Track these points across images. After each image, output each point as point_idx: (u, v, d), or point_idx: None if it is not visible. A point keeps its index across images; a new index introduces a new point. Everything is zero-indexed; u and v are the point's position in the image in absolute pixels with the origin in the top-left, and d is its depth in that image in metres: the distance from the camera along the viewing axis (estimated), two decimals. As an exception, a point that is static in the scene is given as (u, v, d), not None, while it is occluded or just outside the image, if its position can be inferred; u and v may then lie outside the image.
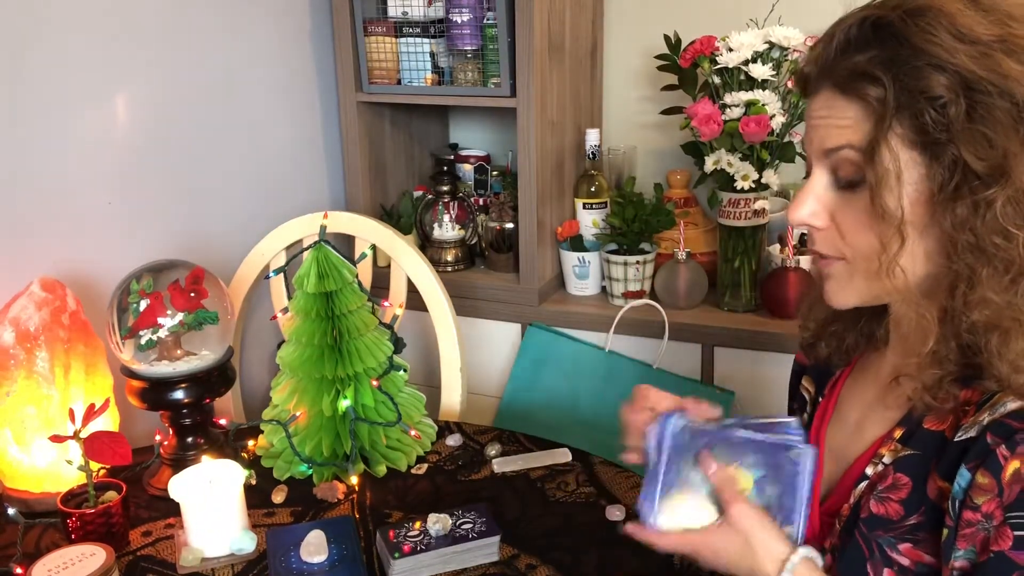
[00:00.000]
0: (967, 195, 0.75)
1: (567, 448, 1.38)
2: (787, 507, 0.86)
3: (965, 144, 0.74)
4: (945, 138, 0.75)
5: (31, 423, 1.23)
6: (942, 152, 0.75)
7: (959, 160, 0.74)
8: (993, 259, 0.75)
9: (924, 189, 0.77)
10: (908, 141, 0.76)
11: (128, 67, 1.59)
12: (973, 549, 0.76)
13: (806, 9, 1.75)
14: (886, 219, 0.78)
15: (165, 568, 1.13)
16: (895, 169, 0.76)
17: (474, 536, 1.10)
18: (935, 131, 0.75)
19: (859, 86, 0.78)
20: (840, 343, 0.97)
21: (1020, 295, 0.75)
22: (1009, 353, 0.76)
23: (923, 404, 0.82)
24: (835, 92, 0.80)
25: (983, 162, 0.74)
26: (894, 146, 0.76)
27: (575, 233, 1.96)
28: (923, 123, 0.75)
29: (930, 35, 0.75)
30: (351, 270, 1.35)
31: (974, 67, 0.73)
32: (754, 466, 0.87)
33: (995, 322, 0.76)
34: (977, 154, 0.74)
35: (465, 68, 1.90)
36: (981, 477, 0.75)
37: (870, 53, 0.77)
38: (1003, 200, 0.74)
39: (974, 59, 0.73)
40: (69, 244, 1.51)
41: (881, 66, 0.76)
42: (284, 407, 1.37)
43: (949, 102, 0.74)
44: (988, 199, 0.74)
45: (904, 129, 0.76)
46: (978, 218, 0.75)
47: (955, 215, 0.76)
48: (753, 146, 1.72)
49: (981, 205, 0.74)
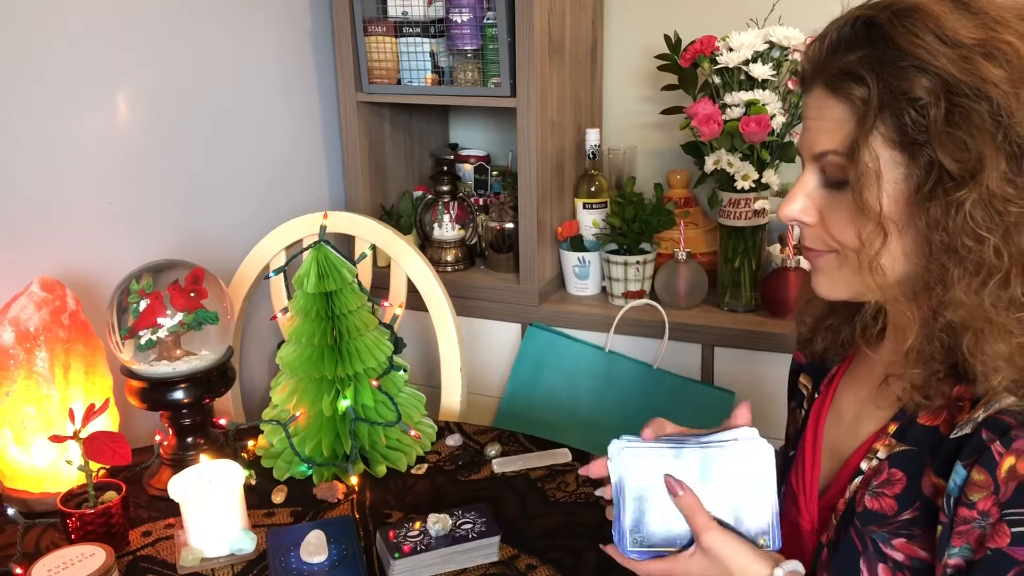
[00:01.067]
0: (941, 196, 0.76)
1: (567, 448, 1.38)
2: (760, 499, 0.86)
3: (942, 146, 0.75)
4: (923, 139, 0.76)
5: (31, 423, 1.23)
6: (920, 153, 0.76)
7: (935, 161, 0.75)
8: (964, 260, 0.76)
9: (903, 189, 0.78)
10: (889, 141, 0.77)
11: (128, 67, 1.59)
12: (968, 546, 0.76)
13: (806, 9, 1.74)
14: (866, 215, 0.79)
15: (165, 568, 1.13)
16: (875, 168, 0.78)
17: (474, 536, 1.10)
18: (914, 132, 0.76)
19: (846, 86, 0.79)
20: (836, 337, 0.98)
21: (989, 297, 0.76)
22: (982, 354, 0.76)
23: (913, 402, 0.83)
24: (825, 91, 0.81)
25: (958, 164, 0.74)
26: (875, 146, 0.78)
27: (575, 233, 1.96)
28: (903, 124, 0.76)
29: (915, 37, 0.76)
30: (351, 270, 1.35)
31: (954, 70, 0.74)
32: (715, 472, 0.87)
33: (967, 323, 0.77)
34: (953, 156, 0.74)
35: (465, 68, 1.90)
36: (977, 474, 0.75)
37: (859, 53, 0.79)
38: (972, 202, 0.74)
39: (954, 62, 0.74)
40: (69, 244, 1.51)
41: (867, 66, 0.78)
42: (284, 407, 1.37)
43: (929, 104, 0.75)
44: (959, 200, 0.75)
45: (886, 129, 0.77)
46: (950, 219, 0.76)
47: (929, 215, 0.77)
48: (753, 146, 1.72)
49: (952, 206, 0.75)
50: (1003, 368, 0.76)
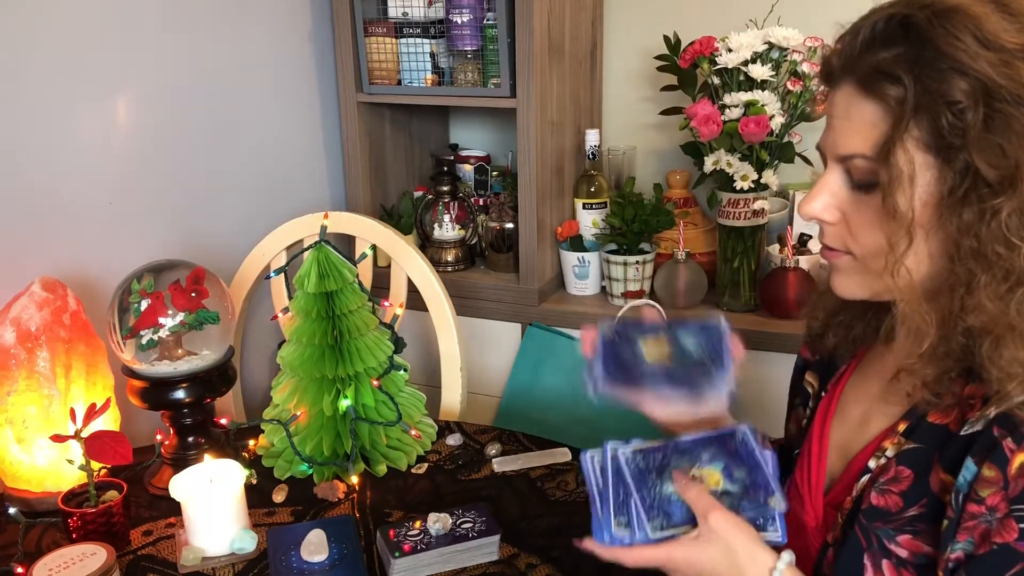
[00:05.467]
0: (975, 202, 0.75)
1: (567, 448, 1.38)
2: (761, 482, 0.87)
3: (979, 151, 0.73)
4: (959, 143, 0.74)
5: (32, 423, 1.23)
6: (955, 157, 0.75)
7: (971, 166, 0.74)
8: (993, 266, 0.75)
9: (934, 192, 0.77)
10: (923, 144, 0.76)
11: (129, 67, 1.59)
12: (972, 540, 0.76)
13: (806, 9, 1.75)
14: (896, 220, 0.78)
15: (166, 567, 1.13)
16: (909, 171, 0.76)
17: (474, 535, 1.11)
18: (950, 136, 0.74)
19: (880, 85, 0.77)
20: (847, 333, 0.97)
21: (1015, 304, 0.76)
22: (1000, 359, 0.76)
23: (924, 401, 0.83)
24: (856, 89, 0.79)
25: (995, 171, 0.73)
26: (909, 148, 0.76)
27: (575, 233, 1.96)
28: (940, 127, 0.75)
29: (955, 38, 0.74)
30: (351, 270, 1.35)
31: (994, 75, 0.73)
32: (713, 460, 0.89)
33: (989, 328, 0.76)
34: (990, 162, 0.73)
35: (465, 68, 1.90)
36: (987, 470, 0.75)
37: (895, 51, 0.77)
38: (1009, 210, 0.74)
39: (995, 66, 0.73)
40: (70, 244, 1.52)
41: (903, 66, 0.76)
42: (285, 407, 1.37)
43: (967, 108, 0.73)
44: (995, 208, 0.74)
45: (920, 131, 0.76)
46: (983, 225, 0.75)
47: (961, 220, 0.76)
48: (752, 146, 1.73)
49: (988, 213, 0.74)
50: (1019, 374, 0.75)
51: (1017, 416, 0.75)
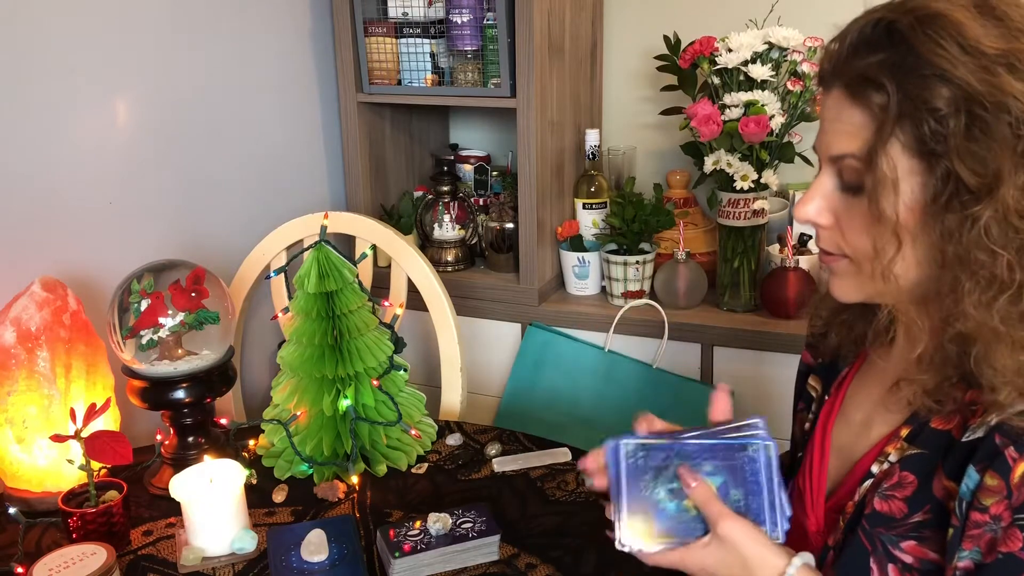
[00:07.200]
0: (957, 208, 0.75)
1: (567, 448, 1.38)
2: (754, 509, 0.85)
3: (960, 158, 0.73)
4: (942, 150, 0.74)
5: (32, 423, 1.23)
6: (937, 163, 0.75)
7: (953, 173, 0.74)
8: (976, 274, 0.75)
9: (920, 198, 0.77)
10: (908, 149, 0.76)
11: (129, 68, 1.59)
12: (979, 550, 0.76)
13: (805, 9, 1.76)
14: (882, 223, 0.78)
15: (166, 567, 1.13)
16: (893, 176, 0.77)
17: (474, 535, 1.11)
18: (933, 142, 0.74)
19: (865, 92, 0.77)
20: (850, 332, 0.97)
21: (999, 312, 0.75)
22: (991, 367, 0.76)
23: (924, 407, 0.83)
24: (844, 94, 0.80)
25: (976, 178, 0.73)
26: (894, 154, 0.76)
27: (575, 233, 1.96)
28: (922, 133, 0.75)
29: (937, 45, 0.74)
30: (351, 270, 1.35)
31: (975, 81, 0.72)
32: (713, 474, 0.86)
33: (975, 335, 0.76)
34: (971, 169, 0.73)
35: (465, 68, 1.90)
36: (990, 479, 0.75)
37: (879, 56, 0.77)
38: (988, 217, 0.74)
39: (976, 73, 0.73)
40: (70, 244, 1.52)
41: (887, 72, 0.76)
42: (285, 407, 1.37)
43: (949, 115, 0.73)
44: (975, 215, 0.74)
45: (905, 137, 0.76)
46: (965, 232, 0.75)
47: (944, 226, 0.76)
48: (752, 146, 1.73)
49: (969, 220, 0.74)
50: (1011, 382, 0.75)
51: (1019, 424, 0.75)
